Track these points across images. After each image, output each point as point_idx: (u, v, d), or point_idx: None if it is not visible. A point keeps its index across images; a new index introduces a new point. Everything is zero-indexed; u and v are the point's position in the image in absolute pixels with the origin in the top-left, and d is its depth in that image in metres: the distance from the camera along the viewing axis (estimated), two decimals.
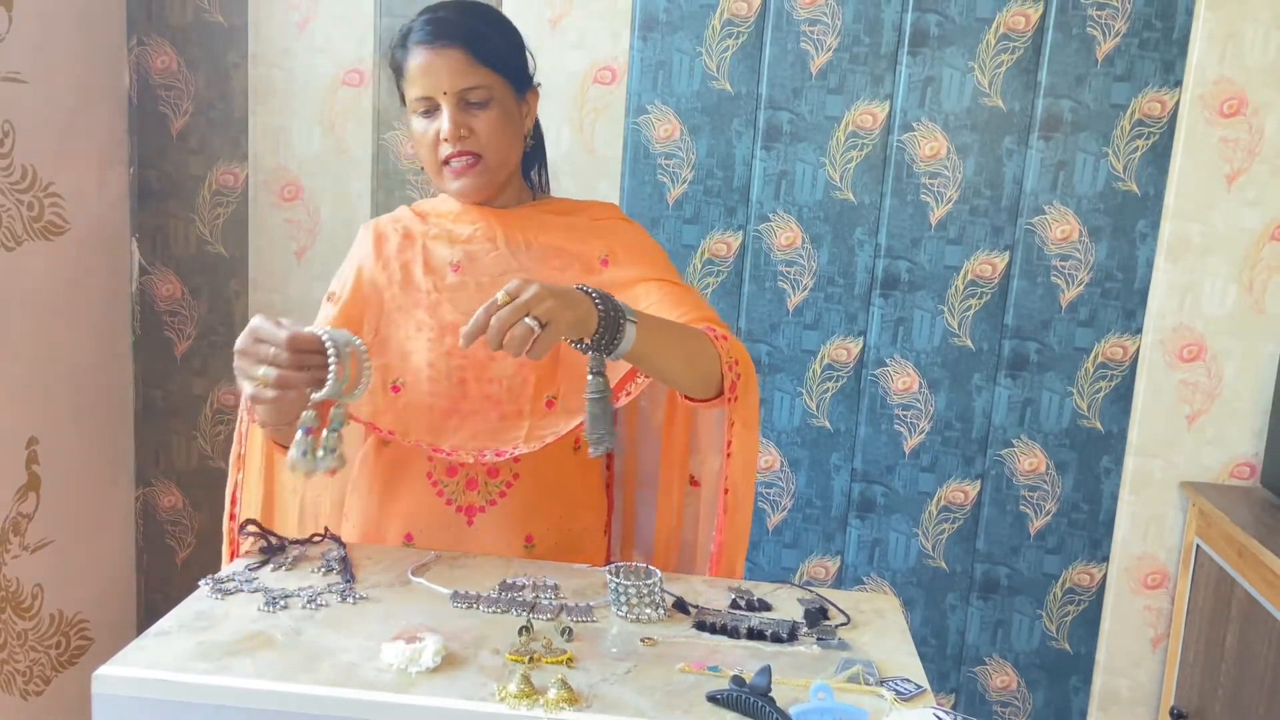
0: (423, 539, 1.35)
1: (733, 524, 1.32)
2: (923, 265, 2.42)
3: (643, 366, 1.18)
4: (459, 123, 1.28)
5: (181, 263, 2.62)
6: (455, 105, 1.28)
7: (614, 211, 1.43)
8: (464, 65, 1.27)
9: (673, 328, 1.22)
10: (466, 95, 1.28)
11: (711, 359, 1.24)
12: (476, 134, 1.29)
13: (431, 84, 1.27)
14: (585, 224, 1.38)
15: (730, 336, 1.28)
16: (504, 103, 1.30)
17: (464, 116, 1.28)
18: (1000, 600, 2.52)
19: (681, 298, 1.33)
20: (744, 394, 1.27)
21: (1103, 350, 2.41)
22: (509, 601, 1.14)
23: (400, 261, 1.38)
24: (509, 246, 1.35)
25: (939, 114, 2.36)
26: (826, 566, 2.56)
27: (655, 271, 1.36)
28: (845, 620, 1.16)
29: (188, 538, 2.73)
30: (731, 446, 1.29)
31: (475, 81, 1.27)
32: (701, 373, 1.23)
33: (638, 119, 2.43)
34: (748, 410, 1.28)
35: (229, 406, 2.66)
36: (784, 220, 2.44)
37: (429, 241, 1.38)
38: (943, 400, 2.46)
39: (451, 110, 1.28)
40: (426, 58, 1.27)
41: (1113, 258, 2.37)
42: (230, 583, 1.15)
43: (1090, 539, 2.48)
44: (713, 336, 1.25)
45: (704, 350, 1.23)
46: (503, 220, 1.36)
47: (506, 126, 1.31)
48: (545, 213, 1.38)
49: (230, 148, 2.56)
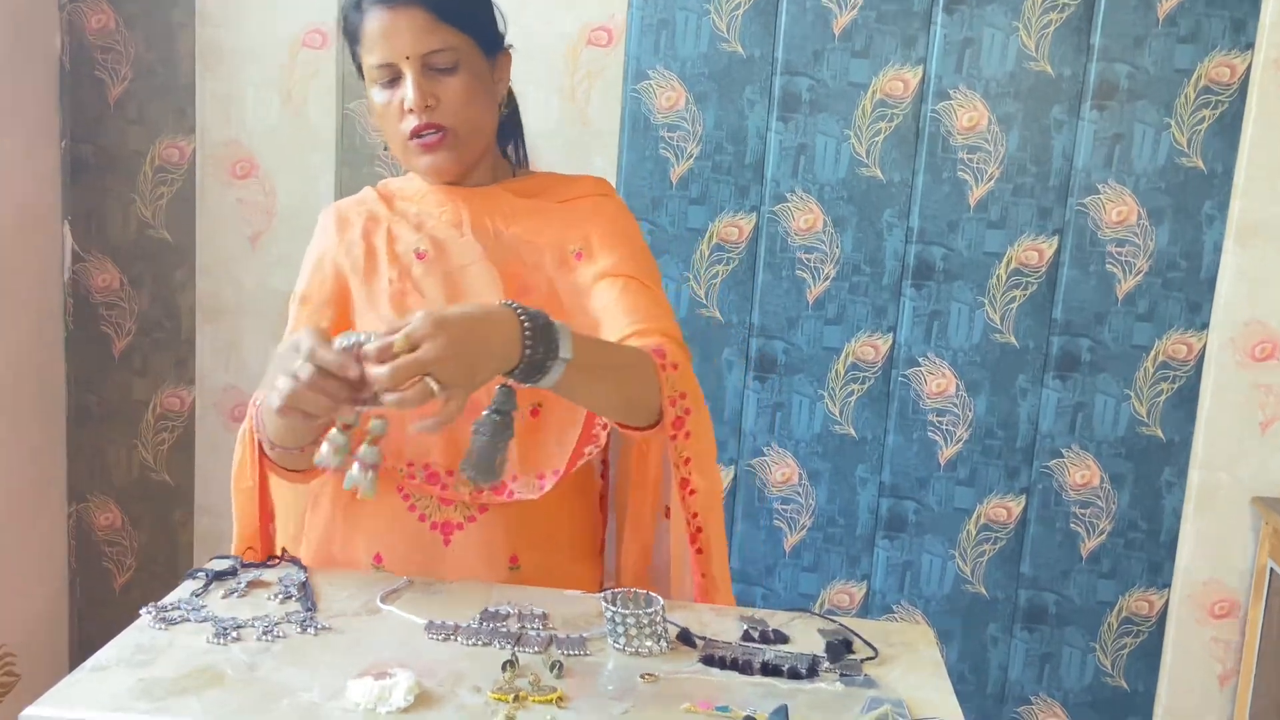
0: (393, 561, 1.35)
1: (710, 559, 1.34)
2: (960, 252, 2.42)
3: (564, 396, 1.19)
4: (425, 91, 1.27)
5: (120, 249, 2.62)
6: (419, 71, 1.27)
7: (599, 188, 1.43)
8: (427, 25, 1.26)
9: (613, 358, 1.22)
10: (431, 60, 1.27)
11: (652, 389, 1.24)
12: (445, 103, 1.29)
13: (391, 49, 1.27)
14: (562, 208, 1.39)
15: (681, 364, 1.28)
16: (474, 66, 1.30)
17: (430, 84, 1.28)
18: (1048, 631, 2.52)
19: (642, 302, 1.33)
20: (697, 431, 1.28)
21: (1164, 348, 2.41)
22: (491, 632, 1.14)
23: (363, 249, 1.38)
24: (477, 234, 1.35)
25: (978, 80, 2.36)
26: (851, 593, 2.56)
27: (627, 266, 1.35)
28: (872, 654, 1.16)
29: (127, 560, 2.73)
30: (693, 483, 1.31)
31: (440, 43, 1.27)
32: (636, 405, 1.25)
33: (637, 86, 2.43)
34: (702, 447, 1.30)
35: (174, 411, 2.66)
36: (803, 201, 2.44)
37: (394, 226, 1.38)
38: (983, 405, 2.46)
39: (415, 77, 1.27)
40: (384, 19, 1.27)
41: (1175, 243, 2.37)
42: (175, 611, 1.15)
43: (1150, 562, 2.48)
44: (660, 364, 1.25)
45: (647, 381, 1.24)
46: (472, 204, 1.36)
47: (478, 93, 1.31)
48: (522, 192, 1.38)
49: (175, 118, 2.56)
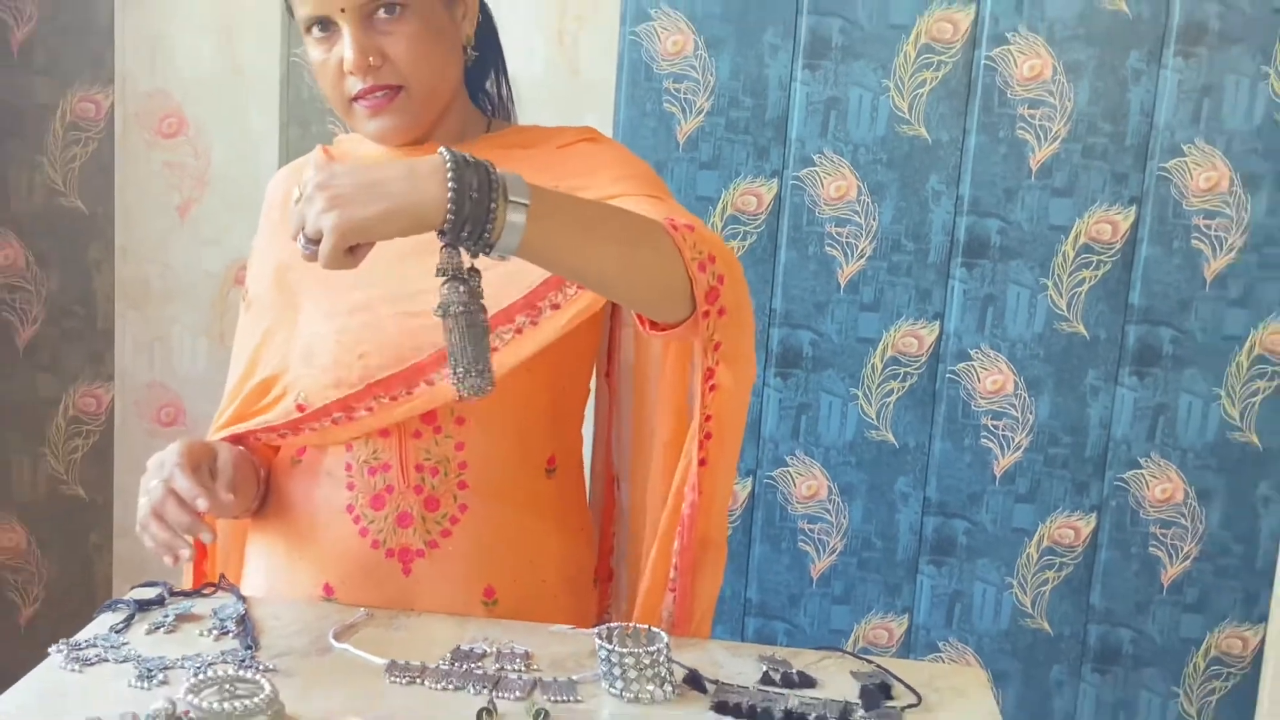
0: (346, 592, 1.36)
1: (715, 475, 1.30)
2: (1020, 225, 2.42)
3: (548, 265, 1.14)
4: (365, 48, 1.26)
5: (24, 221, 2.62)
6: (359, 24, 1.26)
7: (585, 134, 1.42)
8: None
9: (597, 207, 1.16)
10: (371, 9, 1.26)
11: (667, 256, 1.16)
12: (392, 59, 1.28)
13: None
14: (548, 154, 1.38)
15: (699, 228, 1.21)
16: (426, 11, 1.29)
17: (371, 38, 1.27)
18: (1123, 673, 2.53)
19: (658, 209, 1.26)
20: (733, 306, 1.21)
21: (1261, 339, 2.41)
22: (464, 675, 1.14)
23: None
24: None
25: (1041, 22, 2.36)
26: (890, 629, 2.57)
27: (626, 186, 1.32)
28: (915, 701, 1.16)
29: (34, 589, 2.74)
30: (717, 376, 1.26)
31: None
32: (651, 274, 1.17)
33: (637, 28, 2.43)
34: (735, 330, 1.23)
35: (89, 413, 2.67)
36: (834, 164, 2.44)
37: None
38: (1046, 406, 2.46)
39: (354, 32, 1.26)
40: None
41: (1275, 215, 2.37)
42: (91, 649, 1.16)
43: (1245, 592, 2.48)
44: (669, 225, 1.18)
45: (653, 242, 1.16)
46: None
47: (433, 42, 1.30)
48: (495, 148, 1.38)
49: (91, 67, 2.56)
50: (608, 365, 1.49)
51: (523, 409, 1.35)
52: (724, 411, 1.28)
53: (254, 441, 1.40)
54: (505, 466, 1.35)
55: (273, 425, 1.35)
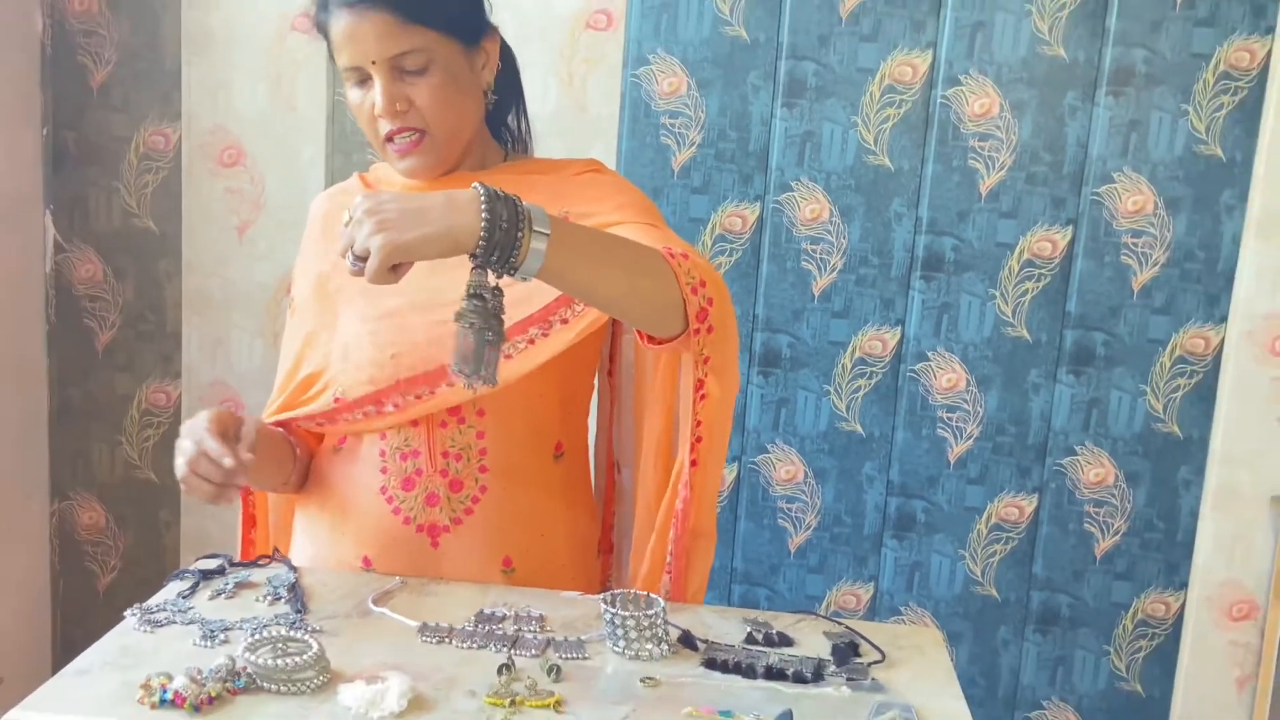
0: (382, 563, 1.36)
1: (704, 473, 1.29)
2: (971, 243, 2.42)
3: (563, 287, 1.15)
4: (393, 96, 1.27)
5: (103, 239, 2.62)
6: (388, 75, 1.26)
7: (590, 165, 1.42)
8: (392, 29, 1.25)
9: (609, 240, 1.17)
10: (400, 62, 1.26)
11: (665, 281, 1.17)
12: (417, 106, 1.28)
13: (358, 53, 1.26)
14: (552, 180, 1.38)
15: (693, 254, 1.22)
16: (448, 64, 1.29)
17: (399, 87, 1.27)
18: (1061, 634, 2.52)
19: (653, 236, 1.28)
20: (719, 324, 1.21)
21: (1181, 342, 2.41)
22: (486, 635, 1.14)
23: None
24: None
25: (990, 65, 2.36)
26: (858, 595, 2.56)
27: (626, 214, 1.33)
28: (880, 658, 1.16)
29: (111, 560, 2.73)
30: (706, 386, 1.25)
31: (408, 45, 1.25)
32: (651, 297, 1.17)
33: (637, 71, 2.43)
34: (723, 345, 1.23)
35: (159, 407, 2.66)
36: (809, 190, 2.43)
37: None
38: (994, 401, 2.46)
39: (384, 82, 1.26)
40: (349, 22, 1.26)
41: (1193, 234, 2.37)
42: (161, 613, 1.16)
43: (1166, 563, 2.48)
44: (667, 254, 1.19)
45: (656, 271, 1.17)
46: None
47: (453, 93, 1.30)
48: (513, 174, 1.38)
49: (160, 105, 2.56)
50: (610, 366, 1.49)
51: (535, 404, 1.35)
52: (712, 418, 1.27)
53: (298, 428, 1.40)
54: (520, 453, 1.35)
55: (314, 415, 1.35)
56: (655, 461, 1.36)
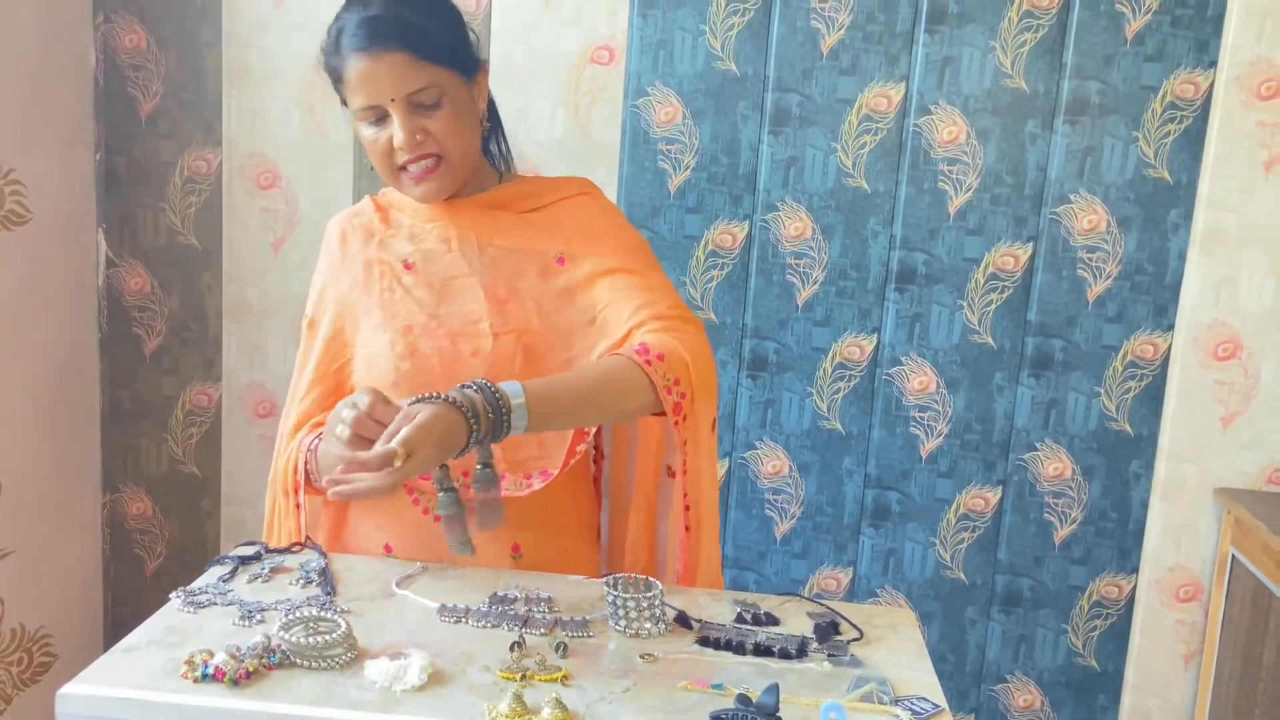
0: (401, 551, 1.36)
1: (698, 541, 1.33)
2: (940, 258, 2.42)
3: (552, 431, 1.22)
4: (412, 129, 1.26)
5: (151, 254, 2.62)
6: (405, 111, 1.26)
7: (582, 188, 1.43)
8: (408, 68, 1.25)
9: (583, 387, 1.22)
10: (416, 97, 1.26)
11: (642, 392, 1.23)
12: (433, 135, 1.28)
13: (376, 92, 1.26)
14: (544, 215, 1.38)
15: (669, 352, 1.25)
16: (456, 96, 1.29)
17: (416, 120, 1.27)
18: (1023, 614, 2.52)
19: (634, 293, 1.32)
20: (691, 414, 1.27)
21: (1132, 348, 2.41)
22: (500, 615, 1.14)
23: (362, 260, 1.39)
24: (463, 250, 1.35)
25: (958, 96, 2.36)
26: (838, 578, 2.56)
27: (615, 260, 1.34)
28: (858, 635, 1.16)
29: (157, 547, 2.73)
30: (687, 464, 1.30)
31: (424, 82, 1.25)
32: (633, 409, 1.25)
33: (637, 101, 2.43)
34: (697, 430, 1.29)
35: (202, 407, 2.66)
36: (793, 210, 2.44)
37: (388, 239, 1.39)
38: (962, 401, 2.46)
39: (402, 117, 1.26)
40: (366, 65, 1.25)
41: (1143, 250, 2.37)
42: (203, 595, 1.16)
43: (1119, 549, 2.48)
44: (643, 362, 1.23)
45: (631, 389, 1.23)
46: (459, 219, 1.36)
47: (462, 121, 1.30)
48: (508, 197, 1.38)
49: (203, 132, 2.56)
50: None
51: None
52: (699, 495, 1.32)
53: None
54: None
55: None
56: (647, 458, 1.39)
